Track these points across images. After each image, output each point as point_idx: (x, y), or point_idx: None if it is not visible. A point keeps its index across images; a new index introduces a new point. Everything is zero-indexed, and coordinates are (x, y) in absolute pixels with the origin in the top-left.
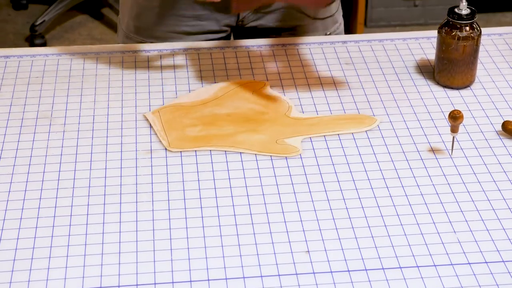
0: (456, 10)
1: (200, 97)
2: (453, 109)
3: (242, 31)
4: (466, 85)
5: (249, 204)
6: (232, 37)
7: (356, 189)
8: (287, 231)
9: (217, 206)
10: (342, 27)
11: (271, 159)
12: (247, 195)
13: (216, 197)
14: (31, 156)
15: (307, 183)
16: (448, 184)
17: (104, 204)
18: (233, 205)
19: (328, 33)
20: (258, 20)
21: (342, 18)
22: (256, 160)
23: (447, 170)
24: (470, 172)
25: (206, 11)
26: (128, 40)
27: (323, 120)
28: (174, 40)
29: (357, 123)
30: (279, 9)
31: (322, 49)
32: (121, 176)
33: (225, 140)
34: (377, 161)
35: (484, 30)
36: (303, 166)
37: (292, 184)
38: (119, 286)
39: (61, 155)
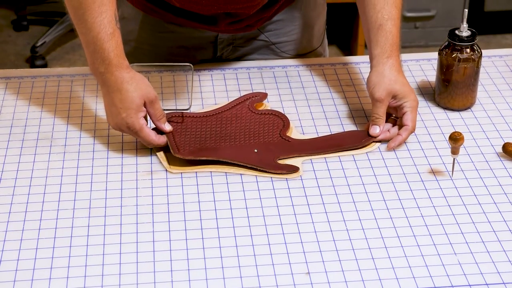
0: (456, 32)
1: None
2: (454, 130)
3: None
4: (466, 107)
5: (250, 226)
6: None
7: (357, 210)
8: (287, 253)
9: (218, 228)
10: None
11: (272, 181)
12: (248, 217)
13: (216, 218)
14: (31, 177)
15: (308, 204)
16: (449, 205)
17: (105, 225)
18: (234, 227)
19: None
20: (237, 54)
21: (327, 50)
22: (257, 181)
23: (448, 192)
24: (471, 194)
25: (181, 49)
26: None
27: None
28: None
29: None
30: (258, 46)
31: (323, 71)
32: (121, 197)
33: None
34: (378, 183)
35: (484, 52)
36: (304, 187)
37: (293, 205)
38: None
39: (62, 176)
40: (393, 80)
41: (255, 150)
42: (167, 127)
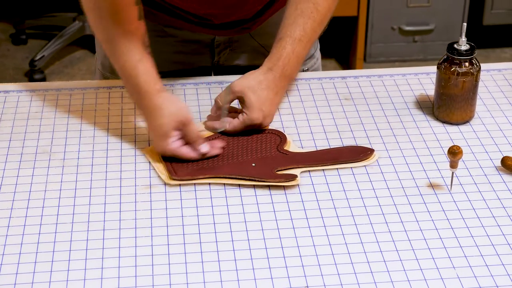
0: (455, 46)
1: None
2: (452, 144)
3: (219, 70)
4: (465, 121)
5: (248, 239)
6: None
7: (355, 224)
8: (286, 266)
9: (216, 241)
10: (319, 62)
11: (270, 194)
12: (246, 230)
13: (215, 232)
14: (30, 191)
15: (306, 218)
16: (447, 219)
17: (103, 239)
18: (232, 240)
19: (306, 68)
20: (233, 59)
21: (319, 53)
22: (255, 195)
23: (446, 206)
24: (469, 208)
25: (180, 55)
26: (104, 79)
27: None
28: None
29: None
30: (250, 49)
31: (321, 84)
32: (120, 211)
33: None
34: (376, 197)
35: (483, 66)
36: (302, 201)
37: (291, 219)
38: None
39: (60, 190)
40: (256, 87)
41: (253, 164)
42: (203, 148)
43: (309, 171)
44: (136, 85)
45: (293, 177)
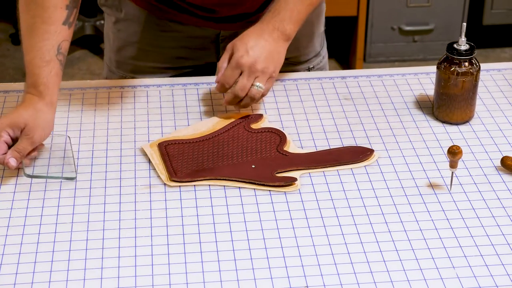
0: (455, 45)
1: (198, 130)
2: (452, 144)
3: None
4: (465, 121)
5: (248, 239)
6: None
7: (355, 224)
8: (285, 266)
9: (216, 241)
10: (325, 60)
11: (270, 194)
12: (246, 230)
13: (215, 232)
14: (30, 191)
15: (306, 218)
16: (447, 219)
17: (103, 239)
18: (232, 240)
19: (312, 66)
20: None
21: (326, 52)
22: (255, 195)
23: (446, 206)
24: (469, 208)
25: (185, 49)
26: (111, 73)
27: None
28: (156, 75)
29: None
30: None
31: (321, 84)
32: (120, 211)
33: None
34: (376, 196)
35: (483, 66)
36: (302, 201)
37: (291, 219)
38: None
39: (60, 190)
40: (243, 34)
41: (253, 166)
42: (12, 162)
43: (309, 172)
44: (33, 83)
45: (293, 180)
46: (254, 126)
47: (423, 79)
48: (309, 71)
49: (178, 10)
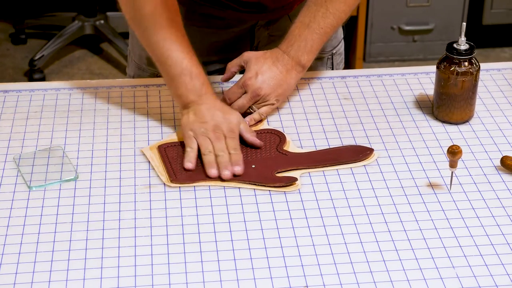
0: (455, 45)
1: None
2: (452, 144)
3: None
4: (465, 120)
5: (248, 239)
6: None
7: (355, 224)
8: (285, 266)
9: (216, 241)
10: (342, 42)
11: (270, 194)
12: (246, 230)
13: (214, 232)
14: (29, 191)
15: (306, 218)
16: (447, 219)
17: (103, 239)
18: (232, 240)
19: (334, 51)
20: (270, 43)
21: (342, 33)
22: (255, 195)
23: (446, 205)
24: (469, 207)
25: (224, 42)
26: (140, 71)
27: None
28: None
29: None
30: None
31: (321, 84)
32: (119, 211)
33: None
34: (376, 196)
35: (483, 66)
36: (302, 200)
37: (291, 219)
38: None
39: (60, 189)
40: (260, 56)
41: (253, 166)
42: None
43: (309, 172)
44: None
45: (293, 180)
46: (254, 128)
47: (422, 79)
48: (332, 56)
49: (223, 7)
